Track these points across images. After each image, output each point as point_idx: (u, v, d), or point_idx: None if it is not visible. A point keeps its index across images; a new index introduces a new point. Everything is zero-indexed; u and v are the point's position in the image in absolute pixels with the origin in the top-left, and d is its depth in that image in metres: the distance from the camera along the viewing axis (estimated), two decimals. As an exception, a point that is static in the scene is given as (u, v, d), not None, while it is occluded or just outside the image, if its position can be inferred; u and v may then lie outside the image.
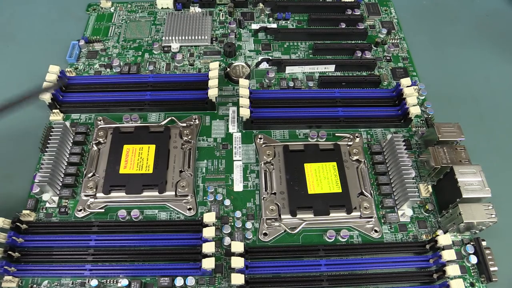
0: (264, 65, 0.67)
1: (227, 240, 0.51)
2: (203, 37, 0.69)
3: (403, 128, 0.62)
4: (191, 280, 0.47)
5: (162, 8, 0.75)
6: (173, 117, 0.59)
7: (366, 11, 0.75)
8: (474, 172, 0.52)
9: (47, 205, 0.53)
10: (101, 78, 0.64)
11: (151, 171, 0.54)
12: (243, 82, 0.60)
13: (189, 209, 0.53)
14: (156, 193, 0.53)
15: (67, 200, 0.54)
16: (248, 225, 0.52)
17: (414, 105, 0.58)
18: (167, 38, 0.69)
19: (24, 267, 0.49)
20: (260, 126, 0.60)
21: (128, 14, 0.74)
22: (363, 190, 0.54)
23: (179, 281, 0.47)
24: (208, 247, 0.47)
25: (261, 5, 0.74)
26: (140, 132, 0.58)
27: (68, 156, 0.56)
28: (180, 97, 0.61)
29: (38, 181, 0.52)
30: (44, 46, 0.71)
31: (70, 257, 0.49)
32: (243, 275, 0.46)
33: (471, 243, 0.52)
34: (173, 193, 0.53)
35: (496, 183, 0.52)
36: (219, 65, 0.63)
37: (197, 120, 0.60)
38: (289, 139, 0.60)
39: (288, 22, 0.73)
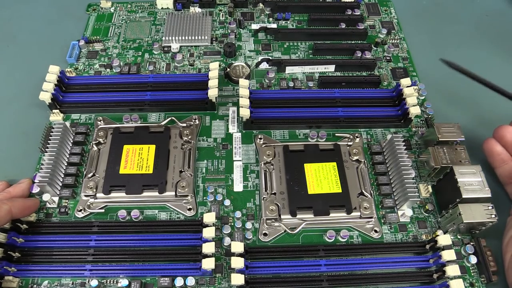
0: (264, 65, 0.67)
1: (227, 240, 0.51)
2: (203, 37, 0.69)
3: (403, 128, 0.62)
4: (191, 280, 0.47)
5: (162, 8, 0.75)
6: (173, 117, 0.59)
7: (366, 11, 0.75)
8: (474, 172, 0.52)
9: (47, 205, 0.53)
10: (101, 78, 0.64)
11: (151, 171, 0.54)
12: (243, 82, 0.60)
13: (189, 209, 0.53)
14: (156, 193, 0.53)
15: (67, 200, 0.54)
16: (248, 225, 0.52)
17: (414, 105, 0.58)
18: (167, 38, 0.69)
19: (24, 267, 0.49)
20: (260, 126, 0.60)
21: (128, 14, 0.74)
22: (363, 190, 0.54)
23: (179, 281, 0.47)
24: (208, 247, 0.47)
25: (261, 5, 0.74)
26: (140, 132, 0.58)
27: (68, 156, 0.56)
28: (180, 97, 0.61)
29: (38, 181, 0.52)
30: (44, 46, 0.71)
31: (70, 257, 0.49)
32: (243, 275, 0.46)
33: (471, 243, 0.52)
34: (173, 193, 0.53)
35: (496, 183, 0.52)
36: (219, 65, 0.63)
37: (197, 120, 0.60)
38: (289, 139, 0.60)
39: (288, 22, 0.73)
